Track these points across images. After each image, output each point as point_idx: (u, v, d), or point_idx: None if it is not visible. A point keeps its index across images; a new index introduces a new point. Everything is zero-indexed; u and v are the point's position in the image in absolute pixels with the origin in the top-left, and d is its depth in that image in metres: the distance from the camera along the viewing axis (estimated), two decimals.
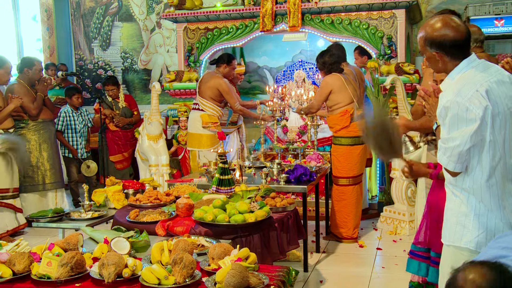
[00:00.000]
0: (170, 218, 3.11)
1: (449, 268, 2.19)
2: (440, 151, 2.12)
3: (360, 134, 4.87)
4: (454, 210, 2.18)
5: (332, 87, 4.82)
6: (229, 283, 2.03)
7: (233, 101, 5.52)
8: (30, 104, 5.47)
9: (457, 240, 2.14)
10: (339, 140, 4.90)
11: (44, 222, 3.50)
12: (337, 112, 4.87)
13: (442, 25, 2.13)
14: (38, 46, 8.50)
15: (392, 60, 5.88)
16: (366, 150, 5.01)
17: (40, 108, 5.62)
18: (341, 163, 4.88)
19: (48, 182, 5.73)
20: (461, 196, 2.14)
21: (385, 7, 5.81)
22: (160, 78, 7.95)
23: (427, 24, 2.18)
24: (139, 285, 2.16)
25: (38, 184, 5.66)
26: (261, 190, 3.52)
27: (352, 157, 4.86)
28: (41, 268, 2.25)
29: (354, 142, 4.85)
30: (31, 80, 5.61)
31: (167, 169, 5.87)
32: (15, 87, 5.45)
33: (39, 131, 5.66)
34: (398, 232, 5.16)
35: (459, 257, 2.10)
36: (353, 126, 4.83)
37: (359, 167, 4.92)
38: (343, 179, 4.89)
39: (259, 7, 6.10)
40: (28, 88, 5.56)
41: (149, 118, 5.84)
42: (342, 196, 4.89)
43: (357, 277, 4.08)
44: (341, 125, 4.85)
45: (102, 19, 8.35)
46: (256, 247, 2.88)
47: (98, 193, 3.85)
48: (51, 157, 5.75)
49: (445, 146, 2.08)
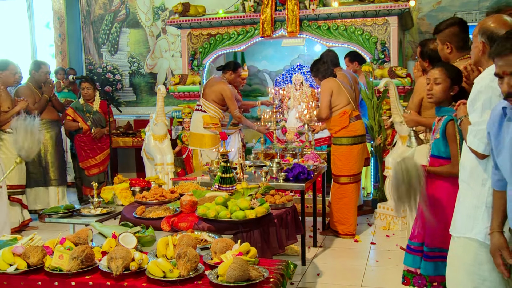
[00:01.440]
0: (175, 214, 3.11)
1: (460, 258, 2.20)
2: (470, 135, 2.12)
3: (359, 134, 4.88)
4: (466, 203, 2.18)
5: (333, 89, 4.82)
6: (231, 276, 2.03)
7: (234, 107, 5.54)
8: (31, 106, 5.52)
9: (468, 232, 2.14)
10: (339, 140, 4.88)
11: (56, 218, 3.50)
12: (336, 113, 4.86)
13: (500, 22, 2.21)
14: (51, 51, 8.51)
15: (386, 64, 5.88)
16: (364, 149, 5.01)
17: (42, 109, 5.65)
18: (342, 162, 4.86)
19: (51, 179, 5.78)
20: (476, 189, 2.14)
21: (378, 14, 5.82)
22: (165, 81, 7.94)
23: (491, 17, 2.24)
24: (145, 278, 2.16)
25: (39, 180, 5.71)
26: (261, 187, 3.52)
27: (352, 156, 4.85)
28: (53, 261, 2.26)
29: (353, 142, 4.84)
30: (38, 82, 5.69)
31: (172, 167, 5.87)
32: (21, 89, 5.55)
33: (42, 131, 5.68)
34: (391, 228, 5.16)
35: (469, 248, 2.09)
36: (351, 126, 4.83)
37: (358, 165, 4.92)
38: (345, 178, 4.87)
39: (259, 13, 6.11)
40: (34, 90, 5.63)
41: (155, 119, 5.84)
42: (344, 194, 4.87)
43: (352, 270, 4.08)
44: (341, 126, 4.84)
45: (110, 26, 8.35)
46: (257, 242, 2.88)
47: (106, 190, 3.85)
48: (54, 156, 5.80)
49: (477, 129, 2.08)
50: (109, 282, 2.16)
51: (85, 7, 8.42)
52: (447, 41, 3.03)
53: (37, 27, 8.46)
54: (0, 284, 2.28)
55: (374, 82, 5.61)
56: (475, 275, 2.13)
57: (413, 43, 7.02)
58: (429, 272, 2.75)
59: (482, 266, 2.08)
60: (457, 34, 3.00)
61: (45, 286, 2.23)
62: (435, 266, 2.73)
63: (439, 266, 2.71)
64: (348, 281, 3.82)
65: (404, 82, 5.69)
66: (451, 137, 2.66)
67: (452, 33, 3.01)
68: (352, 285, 3.76)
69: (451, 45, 3.01)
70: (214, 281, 2.08)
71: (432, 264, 2.74)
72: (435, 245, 2.72)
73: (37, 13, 8.43)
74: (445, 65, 2.84)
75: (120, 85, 8.34)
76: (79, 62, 8.44)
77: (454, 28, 3.00)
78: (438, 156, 2.74)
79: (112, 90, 8.36)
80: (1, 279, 2.28)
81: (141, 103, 8.29)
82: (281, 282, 2.20)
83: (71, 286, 2.19)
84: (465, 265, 2.17)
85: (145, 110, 8.04)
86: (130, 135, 7.15)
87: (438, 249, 2.70)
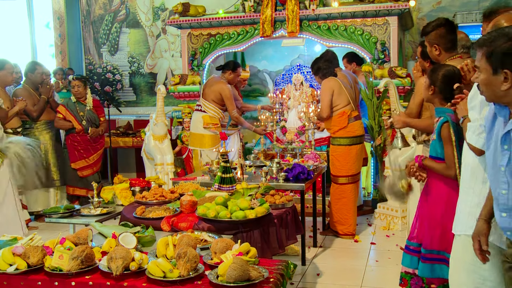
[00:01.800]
0: (175, 214, 3.11)
1: (460, 258, 2.20)
2: (469, 131, 2.12)
3: (357, 134, 4.88)
4: (468, 201, 2.19)
5: (333, 89, 4.81)
6: (231, 276, 2.03)
7: (232, 107, 5.54)
8: (31, 107, 5.51)
9: (468, 229, 2.14)
10: (337, 140, 4.88)
11: (56, 218, 3.50)
12: (335, 113, 4.86)
13: None
14: (50, 51, 8.51)
15: (385, 64, 5.88)
16: (362, 149, 5.01)
17: (41, 111, 5.64)
18: (340, 163, 4.86)
19: (53, 179, 5.76)
20: (476, 188, 2.14)
21: (378, 14, 5.82)
22: (165, 81, 7.95)
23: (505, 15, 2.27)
24: (145, 278, 2.16)
25: (41, 182, 5.61)
26: (261, 188, 3.52)
27: (350, 157, 4.84)
28: (53, 261, 2.26)
29: (351, 142, 4.83)
30: (34, 83, 5.67)
31: (172, 167, 5.87)
32: (19, 91, 5.53)
33: (42, 131, 5.70)
34: (391, 228, 5.16)
35: (469, 245, 2.09)
36: (350, 126, 4.82)
37: (357, 165, 4.91)
38: (343, 178, 4.87)
39: (259, 14, 6.11)
40: (31, 91, 5.61)
41: (155, 119, 5.84)
42: (342, 195, 4.87)
43: (352, 270, 4.08)
44: (339, 126, 4.83)
45: (110, 26, 8.35)
46: (257, 242, 2.88)
47: (106, 190, 3.85)
48: (53, 156, 5.78)
49: (476, 125, 2.08)
50: (109, 282, 2.16)
51: (85, 7, 8.42)
52: (434, 43, 3.04)
53: (37, 27, 8.47)
54: (0, 284, 2.28)
55: (374, 82, 5.60)
56: (476, 274, 2.13)
57: (413, 43, 7.03)
58: (425, 274, 2.74)
59: (482, 266, 2.08)
60: (444, 36, 3.00)
61: (45, 286, 2.23)
62: (432, 268, 2.71)
63: (435, 269, 2.70)
64: (348, 281, 3.82)
65: (404, 82, 5.69)
66: (445, 139, 2.64)
67: (439, 35, 3.01)
68: (352, 285, 3.76)
69: (439, 47, 3.02)
70: (214, 281, 2.08)
71: (429, 266, 2.72)
72: (433, 247, 2.71)
73: (37, 13, 8.44)
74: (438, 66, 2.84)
75: (120, 85, 8.34)
76: (79, 62, 8.44)
77: (441, 30, 3.01)
78: (435, 157, 2.73)
79: (112, 90, 8.36)
80: (1, 279, 2.28)
81: (141, 103, 8.29)
82: (281, 282, 2.20)
83: (71, 286, 2.19)
84: (465, 264, 2.18)
85: (145, 110, 8.04)
86: (130, 135, 7.15)
87: (436, 251, 2.70)
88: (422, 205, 2.86)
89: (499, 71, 1.75)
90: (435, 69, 2.80)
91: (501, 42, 1.74)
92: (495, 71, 1.76)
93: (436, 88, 2.75)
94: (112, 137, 6.79)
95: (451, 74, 2.73)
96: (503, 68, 1.74)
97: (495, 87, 1.77)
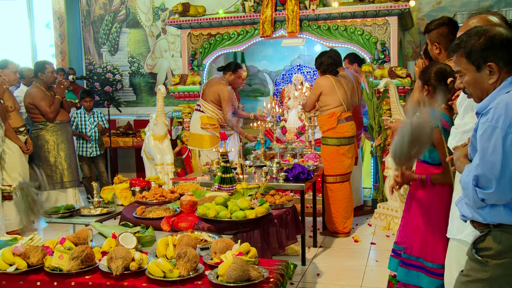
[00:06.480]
0: (175, 214, 3.11)
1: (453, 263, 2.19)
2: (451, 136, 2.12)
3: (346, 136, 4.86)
4: None
5: (322, 89, 4.81)
6: (231, 276, 2.03)
7: (227, 110, 5.55)
8: (47, 108, 5.42)
9: (459, 233, 2.14)
10: (326, 140, 4.90)
11: (56, 218, 3.49)
12: (325, 114, 4.86)
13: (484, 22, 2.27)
14: (51, 51, 8.51)
15: (386, 64, 5.88)
16: (352, 150, 4.98)
17: (57, 111, 5.54)
18: (328, 162, 4.87)
19: (66, 181, 5.66)
20: None
21: (378, 14, 5.82)
22: (165, 81, 7.94)
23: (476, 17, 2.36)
24: (145, 278, 2.16)
25: (56, 183, 5.58)
26: (261, 188, 3.52)
27: (338, 157, 4.85)
28: (53, 261, 2.26)
29: (340, 143, 4.84)
30: (46, 83, 5.51)
31: (172, 167, 5.87)
32: (33, 91, 5.40)
33: (56, 132, 5.59)
34: (391, 228, 5.16)
35: (461, 249, 2.08)
36: (340, 127, 4.82)
37: (346, 165, 4.91)
38: (330, 177, 4.89)
39: (259, 14, 6.11)
40: (45, 91, 5.48)
41: (155, 119, 5.84)
42: (331, 193, 4.91)
43: (352, 270, 4.08)
44: (328, 126, 4.84)
45: (110, 26, 8.34)
46: (256, 242, 2.88)
47: (106, 190, 3.85)
48: (68, 157, 5.69)
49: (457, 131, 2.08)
50: (109, 282, 2.16)
51: (85, 7, 8.42)
52: (435, 42, 3.02)
53: (37, 27, 8.46)
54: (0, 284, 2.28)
55: (374, 82, 5.61)
56: None
57: (413, 43, 7.03)
58: (401, 278, 2.71)
59: None
60: (446, 35, 2.98)
61: (45, 286, 2.23)
62: (407, 274, 2.68)
63: (412, 275, 2.66)
64: (348, 281, 3.82)
65: (404, 82, 5.69)
66: (437, 144, 2.59)
67: (440, 34, 3.00)
68: (352, 285, 3.76)
69: (439, 46, 3.01)
70: (214, 281, 2.08)
71: (404, 270, 2.70)
72: (412, 253, 2.69)
73: (37, 13, 8.43)
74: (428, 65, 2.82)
75: (120, 85, 8.34)
76: (79, 62, 8.44)
77: (443, 29, 2.99)
78: (423, 160, 2.70)
79: (112, 90, 8.36)
80: (0, 279, 2.28)
81: (141, 103, 8.29)
82: (281, 282, 2.20)
83: (71, 286, 2.19)
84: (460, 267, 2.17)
85: (145, 110, 8.04)
86: (130, 135, 7.15)
87: (415, 257, 2.67)
88: (406, 210, 2.85)
89: (483, 66, 1.76)
90: (425, 69, 2.76)
91: (474, 40, 1.76)
92: (479, 68, 1.77)
93: (430, 88, 2.69)
94: (112, 137, 6.79)
95: (443, 70, 2.68)
96: (486, 62, 1.75)
97: (482, 83, 1.78)
